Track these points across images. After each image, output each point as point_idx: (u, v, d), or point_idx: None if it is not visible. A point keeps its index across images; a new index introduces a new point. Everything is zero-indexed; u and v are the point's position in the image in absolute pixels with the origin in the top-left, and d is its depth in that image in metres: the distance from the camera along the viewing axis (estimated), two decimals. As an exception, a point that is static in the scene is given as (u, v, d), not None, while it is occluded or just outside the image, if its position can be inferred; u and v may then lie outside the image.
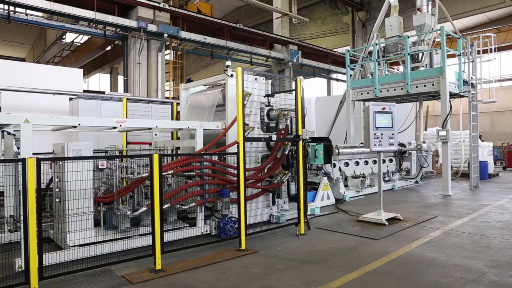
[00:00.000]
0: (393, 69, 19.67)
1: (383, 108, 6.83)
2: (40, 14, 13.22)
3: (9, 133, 5.29)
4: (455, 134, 14.34)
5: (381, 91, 11.27)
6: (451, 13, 13.28)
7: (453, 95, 10.71)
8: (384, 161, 10.79)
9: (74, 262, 4.54)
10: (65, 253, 4.65)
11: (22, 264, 4.01)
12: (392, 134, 6.89)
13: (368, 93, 11.67)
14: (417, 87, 10.49)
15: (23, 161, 3.71)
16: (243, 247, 5.22)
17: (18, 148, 5.08)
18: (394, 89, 10.99)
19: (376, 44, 11.61)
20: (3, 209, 5.36)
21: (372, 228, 6.44)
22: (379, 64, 11.77)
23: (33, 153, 4.25)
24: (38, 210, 3.73)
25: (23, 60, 29.24)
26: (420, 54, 11.51)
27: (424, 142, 11.86)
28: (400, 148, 11.29)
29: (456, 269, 4.41)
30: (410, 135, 15.01)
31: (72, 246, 4.80)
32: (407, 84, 10.54)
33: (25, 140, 4.37)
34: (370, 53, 12.34)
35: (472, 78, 11.28)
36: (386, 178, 11.15)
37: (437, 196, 9.81)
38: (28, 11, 12.07)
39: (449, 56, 10.71)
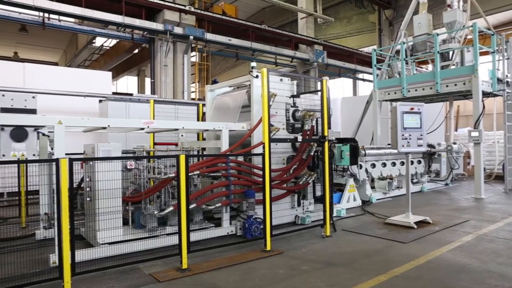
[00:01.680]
0: (422, 68, 19.15)
1: (411, 108, 6.66)
2: (72, 20, 13.72)
3: (43, 134, 5.50)
4: (488, 134, 13.79)
5: (409, 91, 11.00)
6: (484, 8, 12.77)
7: (486, 94, 10.32)
8: (412, 162, 10.52)
9: (104, 259, 4.67)
10: (95, 250, 4.80)
11: (56, 260, 4.15)
12: (421, 135, 6.71)
13: (395, 93, 11.42)
14: (447, 86, 10.17)
15: (57, 161, 3.86)
16: (268, 248, 5.22)
17: (52, 149, 5.29)
18: (423, 89, 10.70)
19: (403, 43, 11.34)
20: (38, 207, 5.59)
21: (399, 231, 6.29)
22: (406, 63, 11.49)
23: (66, 154, 4.41)
24: (70, 209, 3.87)
25: (56, 64, 30.38)
26: (451, 52, 11.15)
27: (454, 143, 11.48)
28: (429, 149, 10.98)
29: (490, 276, 4.24)
30: (439, 136, 14.57)
31: (102, 244, 4.95)
32: (437, 83, 10.24)
33: (58, 141, 4.53)
34: (398, 52, 12.07)
35: (507, 76, 10.82)
36: (415, 180, 10.87)
37: (468, 199, 9.47)
38: (61, 17, 12.54)
39: (482, 53, 10.34)
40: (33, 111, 4.65)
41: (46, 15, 12.07)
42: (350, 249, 5.38)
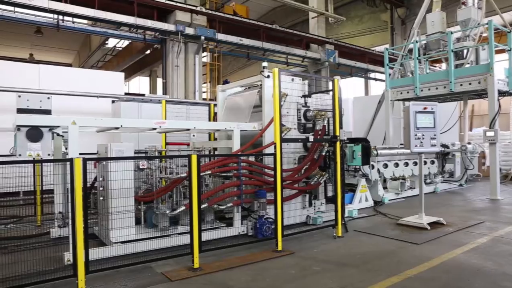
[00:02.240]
0: (435, 67, 18.90)
1: (425, 108, 6.58)
2: (85, 21, 13.91)
3: (58, 134, 5.59)
4: (504, 134, 13.51)
5: (422, 90, 10.86)
6: (500, 5, 12.52)
7: (502, 93, 10.13)
8: (425, 162, 10.38)
9: (117, 258, 4.72)
10: (108, 249, 4.86)
11: (70, 258, 4.22)
12: (434, 135, 6.62)
13: (408, 92, 11.28)
14: (461, 85, 10.01)
15: (71, 161, 3.92)
16: (279, 248, 5.21)
17: (66, 149, 5.37)
18: (436, 88, 10.56)
19: (416, 42, 11.21)
20: (53, 205, 5.68)
21: (412, 232, 6.21)
22: (419, 62, 11.35)
23: (79, 153, 4.48)
24: (84, 208, 3.92)
25: (70, 65, 30.84)
26: (465, 51, 10.98)
27: (469, 143, 11.29)
28: (443, 149, 10.82)
29: (507, 279, 4.15)
30: (453, 136, 14.34)
31: (115, 243, 5.00)
32: (451, 82, 10.09)
33: (73, 140, 4.61)
34: (410, 51, 11.93)
35: (524, 74, 10.60)
36: (428, 181, 10.73)
37: (484, 200, 9.30)
38: (75, 19, 12.73)
39: (498, 51, 10.13)
40: (48, 112, 4.74)
41: (60, 17, 12.27)
42: (362, 250, 5.33)
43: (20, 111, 4.56)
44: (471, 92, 10.57)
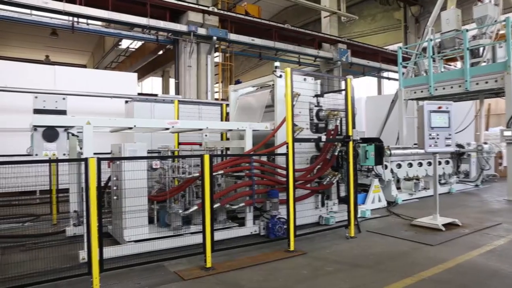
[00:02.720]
0: (450, 65, 18.59)
1: (439, 107, 6.48)
2: (99, 23, 14.10)
3: (73, 135, 5.68)
4: (521, 134, 13.23)
5: (436, 89, 10.70)
6: (517, 2, 12.26)
7: (519, 92, 9.90)
8: (440, 162, 10.23)
9: (130, 256, 4.78)
10: (122, 248, 4.92)
11: (85, 256, 4.28)
12: (449, 135, 6.52)
13: (422, 91, 11.13)
14: (477, 84, 9.83)
15: (86, 160, 3.98)
16: (291, 248, 5.20)
17: (81, 148, 5.46)
18: (451, 87, 10.39)
19: (431, 40, 11.05)
20: (68, 204, 5.78)
21: (427, 233, 6.13)
22: (434, 60, 11.19)
23: (94, 153, 4.54)
24: (98, 207, 3.97)
25: (84, 66, 31.29)
26: (481, 49, 10.78)
27: (485, 143, 11.08)
28: (458, 149, 10.64)
29: (523, 280, 4.07)
30: (469, 135, 14.10)
31: (128, 242, 5.06)
32: (466, 81, 9.92)
33: (87, 140, 4.68)
34: (424, 49, 11.78)
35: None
36: (442, 181, 10.56)
37: (500, 201, 9.11)
38: (89, 21, 12.91)
39: (515, 49, 9.90)
40: (63, 112, 4.81)
41: (75, 19, 12.45)
42: (375, 250, 5.28)
43: (36, 111, 4.64)
44: (487, 91, 10.37)
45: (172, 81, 22.07)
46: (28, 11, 11.71)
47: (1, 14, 11.47)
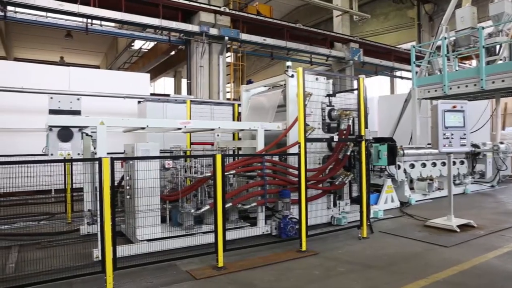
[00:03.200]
0: (465, 64, 18.29)
1: (454, 106, 6.38)
2: (113, 24, 14.28)
3: (87, 135, 5.76)
4: (538, 133, 12.95)
5: (450, 88, 10.53)
6: (535, -1, 11.98)
7: (536, 91, 9.69)
8: (454, 163, 10.07)
9: (143, 255, 4.81)
10: (135, 246, 4.97)
11: (99, 254, 4.34)
12: (464, 134, 6.41)
13: (436, 90, 10.96)
14: (493, 82, 9.63)
15: (99, 160, 4.03)
16: (303, 248, 5.18)
17: (95, 148, 5.53)
18: (466, 86, 10.20)
19: (445, 38, 10.87)
20: (82, 203, 5.86)
21: (441, 234, 6.04)
22: (448, 59, 11.00)
23: (107, 153, 4.59)
24: (112, 206, 4.02)
25: (97, 67, 31.72)
26: (497, 47, 10.56)
27: (502, 143, 10.86)
28: (473, 149, 10.46)
29: (541, 283, 3.98)
30: (485, 135, 13.84)
31: (141, 241, 5.10)
32: (482, 79, 9.72)
33: (101, 140, 4.74)
34: (438, 48, 11.58)
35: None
36: (457, 181, 10.40)
37: (517, 202, 8.94)
38: (103, 23, 13.09)
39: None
40: (78, 113, 4.88)
41: (89, 20, 12.64)
42: (388, 251, 5.23)
43: (52, 112, 4.72)
44: (504, 89, 10.15)
45: (184, 81, 22.17)
46: (43, 13, 11.94)
47: (19, 17, 11.73)
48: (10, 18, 11.66)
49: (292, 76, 6.07)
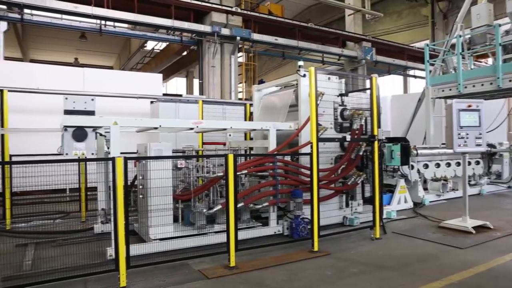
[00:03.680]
0: (480, 62, 17.95)
1: (469, 106, 6.27)
2: (126, 25, 14.45)
3: (101, 134, 5.83)
4: (557, 133, 12.64)
5: (465, 87, 10.35)
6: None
7: (555, 89, 9.45)
8: (469, 163, 9.90)
9: (155, 254, 4.85)
10: (148, 245, 5.01)
11: (112, 253, 4.39)
12: (480, 134, 6.29)
13: (450, 89, 10.78)
14: (510, 81, 9.42)
15: (113, 159, 4.08)
16: (315, 248, 5.16)
17: (108, 148, 5.59)
18: (482, 84, 10.01)
19: (460, 36, 10.69)
20: (96, 202, 5.94)
21: (456, 236, 5.94)
22: (463, 57, 10.81)
23: (120, 153, 4.64)
24: (125, 205, 4.06)
25: (111, 68, 32.11)
26: (514, 44, 10.33)
27: (518, 143, 10.64)
28: (489, 149, 10.26)
29: (560, 286, 3.89)
30: (501, 134, 13.57)
31: (154, 240, 5.15)
32: (498, 78, 9.52)
33: (114, 140, 4.79)
34: (453, 46, 11.41)
35: None
36: (472, 182, 10.22)
37: (534, 203, 8.74)
38: (116, 24, 13.26)
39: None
40: (92, 113, 4.94)
41: (103, 22, 12.82)
42: (401, 252, 5.17)
43: (67, 112, 4.79)
44: (521, 88, 9.93)
45: (196, 82, 22.31)
46: (58, 15, 12.15)
47: (35, 20, 11.97)
48: (26, 21, 11.92)
49: (304, 75, 6.05)
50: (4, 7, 11.27)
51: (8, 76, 9.90)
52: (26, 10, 11.61)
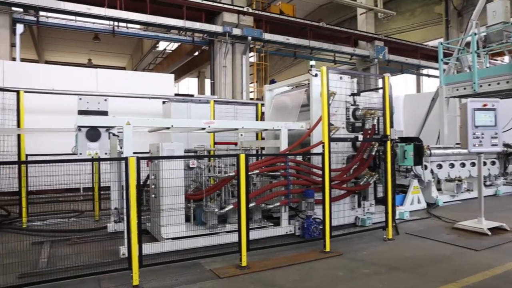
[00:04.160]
0: (496, 60, 17.61)
1: (484, 105, 6.16)
2: (138, 26, 14.59)
3: (114, 134, 5.90)
4: None
5: (481, 86, 10.16)
6: None
7: None
8: (485, 163, 9.72)
9: (167, 253, 4.88)
10: (160, 244, 5.04)
11: (125, 252, 4.44)
12: (496, 134, 6.18)
13: (465, 88, 10.60)
14: (527, 79, 9.24)
15: (126, 159, 4.12)
16: (327, 249, 5.13)
17: (121, 148, 5.65)
18: (498, 83, 9.81)
19: (475, 34, 10.51)
20: (109, 201, 6.01)
21: (470, 238, 5.84)
22: (478, 56, 10.62)
23: (133, 152, 4.69)
24: (138, 204, 4.10)
25: (123, 68, 32.48)
26: (531, 42, 10.12)
27: (535, 142, 10.40)
28: (506, 149, 10.06)
29: None
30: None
31: (166, 239, 5.18)
32: (514, 76, 9.34)
33: (127, 140, 4.84)
34: (468, 44, 11.21)
35: None
36: (488, 183, 10.04)
37: (552, 204, 8.54)
38: (129, 25, 13.41)
39: None
40: (105, 113, 5.00)
41: (116, 23, 12.97)
42: (414, 253, 5.10)
43: (81, 112, 4.86)
44: (538, 87, 9.71)
45: (207, 82, 22.43)
46: (73, 17, 12.34)
47: (50, 22, 12.20)
48: (42, 23, 12.15)
49: (316, 75, 6.02)
50: (21, 10, 11.51)
51: (24, 77, 10.10)
52: (41, 13, 11.82)
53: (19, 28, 11.64)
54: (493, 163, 10.00)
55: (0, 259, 3.54)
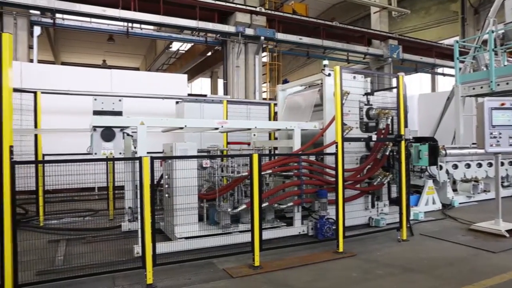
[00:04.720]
0: (514, 59, 17.24)
1: (502, 104, 6.02)
2: (151, 27, 14.74)
3: (128, 134, 5.97)
4: None
5: (498, 85, 9.95)
6: None
7: None
8: (502, 163, 9.51)
9: (180, 252, 4.91)
10: (173, 244, 5.08)
11: (139, 250, 4.48)
12: (514, 133, 6.04)
13: (481, 87, 10.40)
14: (546, 78, 9.02)
15: (140, 159, 4.16)
16: (340, 249, 5.10)
17: (135, 148, 5.72)
18: (516, 82, 9.61)
19: (492, 32, 10.29)
20: (124, 201, 6.09)
21: (487, 239, 5.73)
22: (496, 54, 10.41)
23: (147, 152, 4.73)
24: (151, 204, 4.14)
25: (137, 69, 32.84)
26: (551, 40, 9.88)
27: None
28: (524, 149, 9.82)
29: None
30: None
31: (179, 238, 5.22)
32: (533, 75, 9.13)
33: (141, 140, 4.89)
34: (485, 42, 11.00)
35: None
36: (505, 183, 9.82)
37: None
38: (142, 26, 13.56)
39: None
40: (119, 113, 5.06)
41: (130, 24, 13.13)
42: (429, 255, 5.03)
43: (95, 113, 4.92)
44: (558, 85, 9.46)
45: (220, 82, 22.51)
46: (88, 19, 12.54)
47: (66, 24, 12.42)
48: (58, 25, 12.37)
49: (329, 75, 5.98)
50: (38, 12, 11.74)
51: (41, 78, 10.29)
52: (57, 15, 12.05)
53: (37, 30, 11.88)
54: (510, 163, 9.78)
55: (19, 256, 3.61)
